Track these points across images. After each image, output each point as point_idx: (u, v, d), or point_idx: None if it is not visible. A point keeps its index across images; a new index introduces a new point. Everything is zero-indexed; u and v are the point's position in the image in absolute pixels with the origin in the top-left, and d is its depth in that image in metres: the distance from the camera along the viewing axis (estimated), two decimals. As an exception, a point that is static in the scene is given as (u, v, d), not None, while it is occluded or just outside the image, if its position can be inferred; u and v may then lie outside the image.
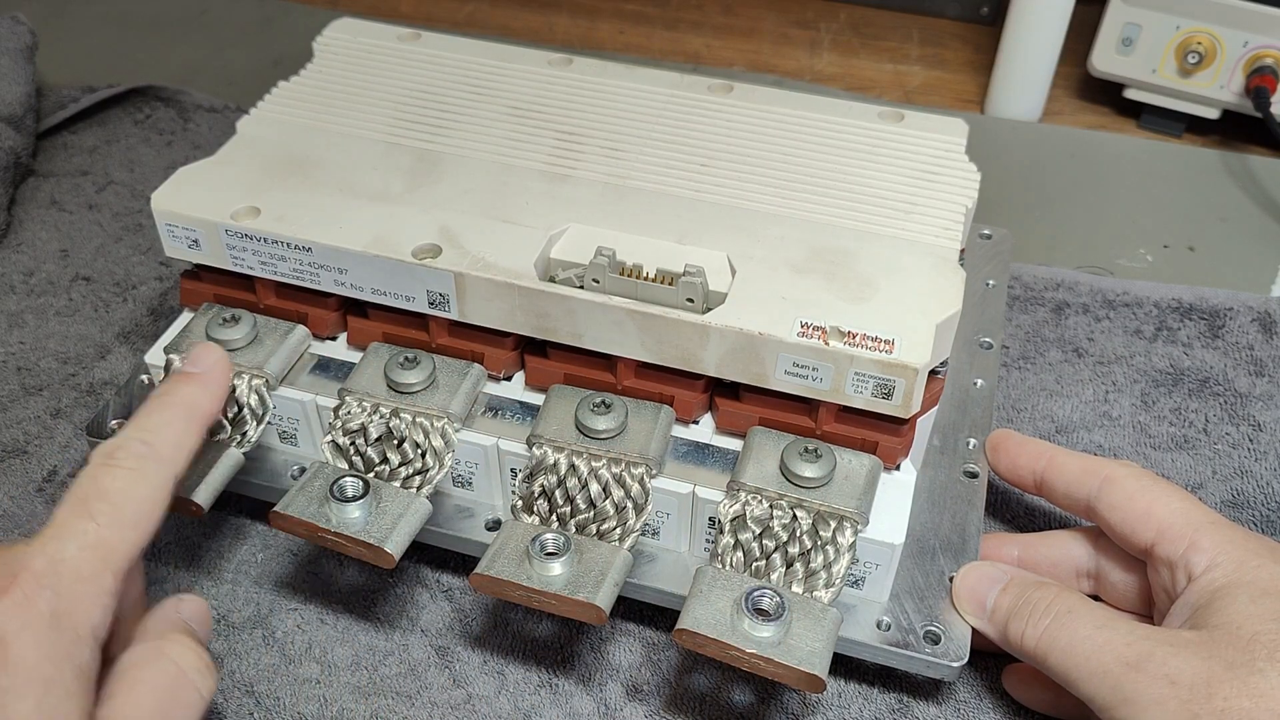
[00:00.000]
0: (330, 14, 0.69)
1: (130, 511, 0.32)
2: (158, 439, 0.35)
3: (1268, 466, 0.49)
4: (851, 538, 0.38)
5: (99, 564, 0.31)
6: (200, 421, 0.37)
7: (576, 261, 0.42)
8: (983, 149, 0.53)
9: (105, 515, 0.32)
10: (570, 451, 0.39)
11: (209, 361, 0.38)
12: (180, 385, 0.37)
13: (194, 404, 0.37)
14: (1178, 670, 0.33)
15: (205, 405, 0.37)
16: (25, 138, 0.64)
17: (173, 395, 0.37)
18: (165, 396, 0.37)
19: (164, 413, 0.36)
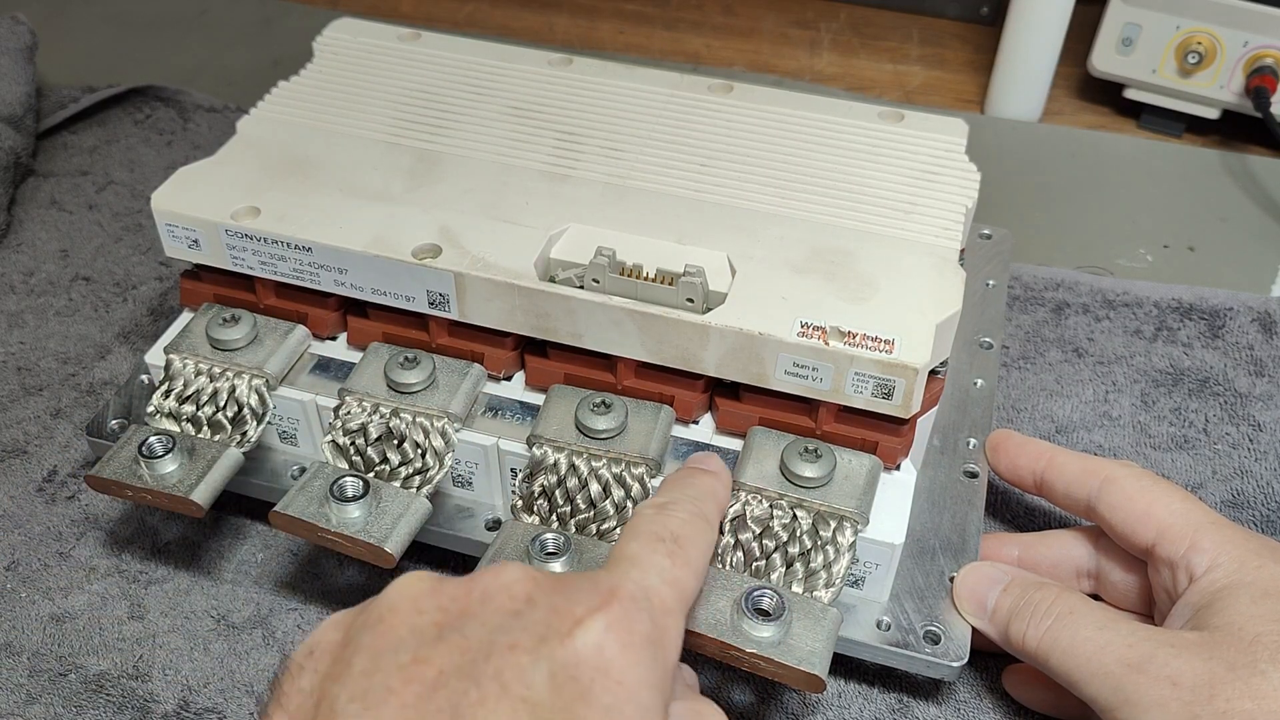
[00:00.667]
0: (330, 14, 0.69)
1: (697, 560, 0.32)
2: (705, 508, 0.35)
3: (1268, 466, 0.49)
4: (851, 538, 0.38)
5: (679, 602, 0.30)
6: (720, 515, 0.36)
7: (576, 261, 0.42)
8: (983, 149, 0.53)
9: (681, 557, 0.31)
10: (570, 451, 0.39)
11: (718, 465, 0.38)
12: (703, 477, 0.37)
13: (718, 494, 0.36)
14: (1179, 671, 0.33)
15: (724, 500, 0.37)
16: (25, 138, 0.64)
17: (701, 481, 0.36)
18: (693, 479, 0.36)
19: (700, 489, 0.36)
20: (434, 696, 0.25)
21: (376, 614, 0.28)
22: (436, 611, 0.27)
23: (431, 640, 0.26)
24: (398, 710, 0.25)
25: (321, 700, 0.26)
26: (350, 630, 0.28)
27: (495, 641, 0.26)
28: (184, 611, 0.43)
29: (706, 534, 0.33)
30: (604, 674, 0.26)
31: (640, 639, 0.27)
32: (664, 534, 0.32)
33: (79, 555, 0.45)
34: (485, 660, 0.26)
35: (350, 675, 0.26)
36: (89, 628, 0.43)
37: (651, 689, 0.27)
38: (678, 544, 0.32)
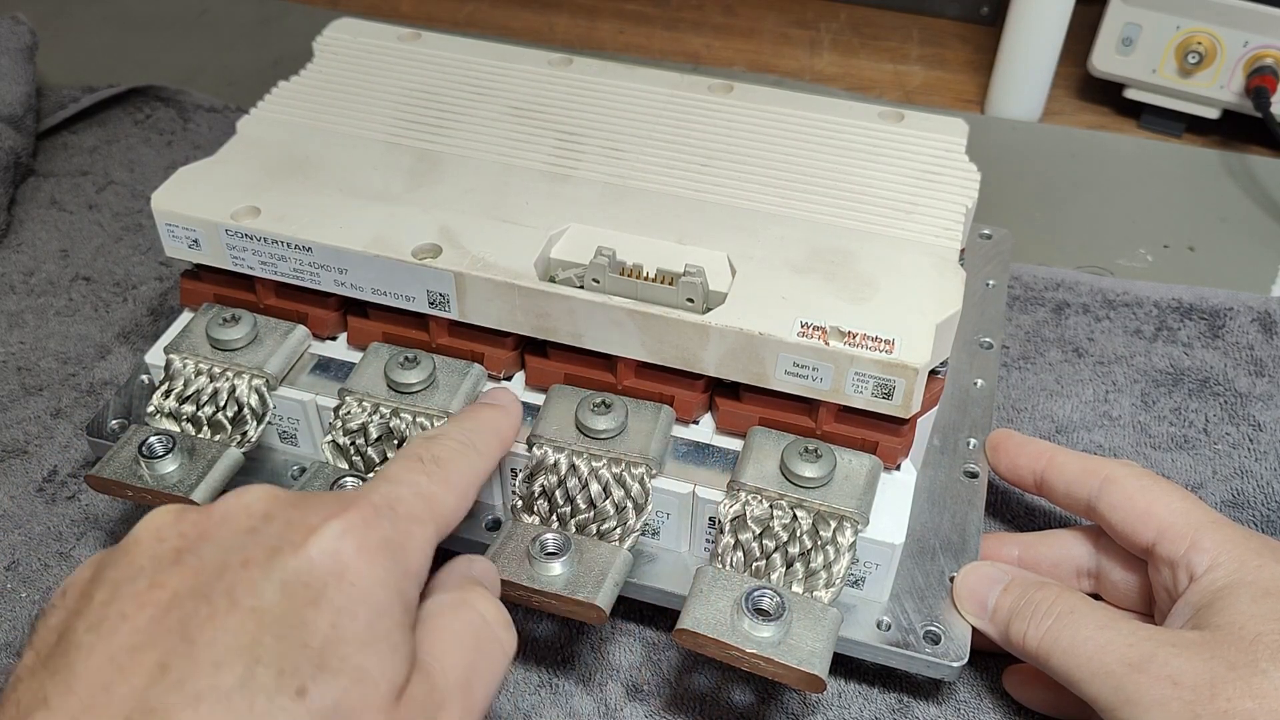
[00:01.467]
0: (330, 14, 0.69)
1: (456, 479, 0.33)
2: (476, 438, 0.36)
3: (1268, 466, 0.49)
4: (851, 538, 0.38)
5: (429, 513, 0.31)
6: (501, 445, 0.37)
7: (576, 261, 0.42)
8: (983, 149, 0.53)
9: (437, 475, 0.33)
10: (570, 451, 0.39)
11: (508, 399, 0.40)
12: (484, 409, 0.38)
13: (499, 425, 0.38)
14: (1180, 671, 0.33)
15: (506, 432, 0.38)
16: (25, 138, 0.64)
17: (480, 413, 0.38)
18: (473, 412, 0.38)
19: (477, 421, 0.37)
20: (165, 618, 0.25)
21: (122, 548, 0.28)
22: (177, 538, 0.28)
23: (168, 565, 0.27)
24: (129, 635, 0.25)
25: (63, 635, 0.26)
26: (98, 567, 0.28)
27: (228, 560, 0.27)
28: (184, 611, 0.43)
29: (474, 461, 0.35)
30: (337, 577, 0.27)
31: (377, 542, 0.28)
32: (425, 455, 0.33)
33: (79, 555, 0.45)
34: (218, 578, 0.26)
35: (90, 607, 0.26)
36: (89, 628, 0.43)
37: (388, 589, 0.28)
38: (437, 464, 0.33)
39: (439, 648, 0.29)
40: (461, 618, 0.31)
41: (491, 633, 0.31)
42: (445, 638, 0.30)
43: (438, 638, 0.30)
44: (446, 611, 0.31)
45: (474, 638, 0.31)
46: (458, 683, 0.29)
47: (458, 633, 0.30)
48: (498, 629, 0.32)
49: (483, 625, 0.31)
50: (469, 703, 0.29)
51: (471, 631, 0.31)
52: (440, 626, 0.30)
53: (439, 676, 0.29)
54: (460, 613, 0.31)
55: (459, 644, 0.30)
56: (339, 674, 0.26)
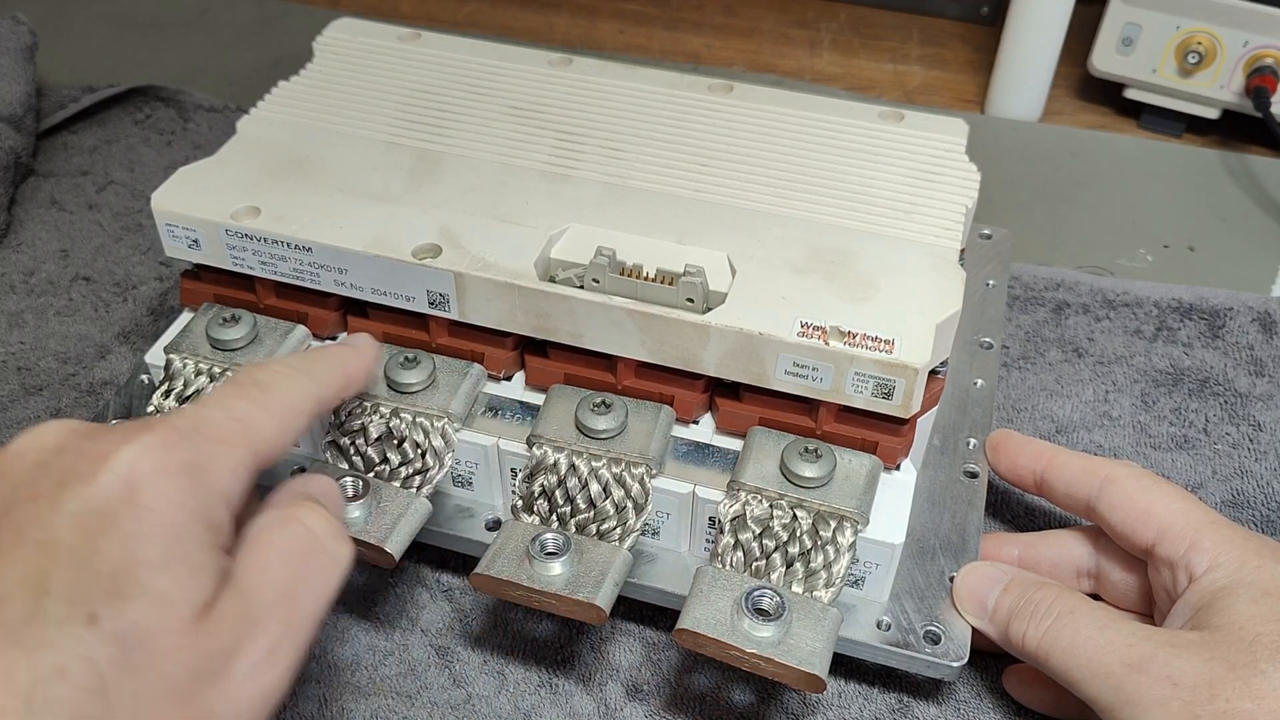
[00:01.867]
0: (330, 14, 0.69)
1: (278, 403, 0.32)
2: (312, 365, 0.35)
3: (1268, 466, 0.49)
4: (851, 538, 0.38)
5: (241, 436, 0.30)
6: (345, 378, 0.37)
7: (576, 261, 0.42)
8: (983, 149, 0.53)
9: (256, 398, 0.32)
10: (570, 451, 0.39)
11: (364, 339, 0.40)
12: (334, 346, 0.39)
13: (345, 358, 0.37)
14: (1180, 671, 0.33)
15: (353, 367, 0.38)
16: (25, 138, 0.64)
17: (327, 348, 0.38)
18: (320, 348, 0.39)
19: (320, 352, 0.37)
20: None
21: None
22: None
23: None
24: None
25: None
26: None
27: (16, 495, 0.27)
28: (184, 611, 0.43)
29: (304, 386, 0.34)
30: (130, 503, 0.27)
31: (176, 464, 0.28)
32: (246, 380, 0.33)
33: (79, 555, 0.45)
34: (5, 515, 0.26)
35: None
36: (89, 628, 0.43)
37: (187, 511, 0.27)
38: (258, 387, 0.32)
39: (258, 563, 0.29)
40: (285, 531, 0.30)
41: (319, 544, 0.31)
42: (266, 553, 0.30)
43: (258, 554, 0.29)
44: (270, 527, 0.30)
45: (298, 550, 0.30)
46: (277, 596, 0.29)
47: (280, 547, 0.30)
48: (326, 540, 0.31)
49: (309, 538, 0.31)
50: (292, 614, 0.29)
51: (295, 544, 0.30)
52: (262, 542, 0.30)
53: (255, 591, 0.28)
54: (285, 527, 0.31)
55: (280, 558, 0.30)
56: (132, 598, 0.26)
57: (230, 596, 0.28)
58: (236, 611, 0.28)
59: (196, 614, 0.27)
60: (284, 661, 0.28)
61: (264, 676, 0.28)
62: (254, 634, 0.28)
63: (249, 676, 0.27)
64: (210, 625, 0.27)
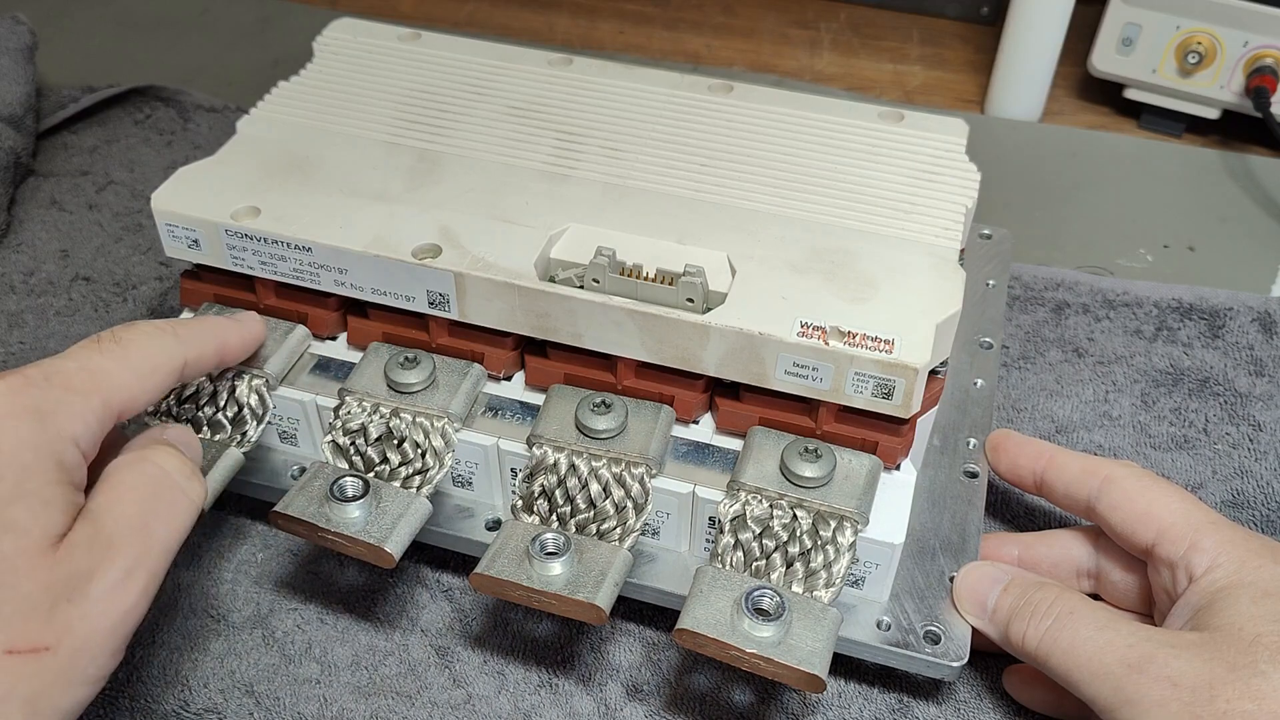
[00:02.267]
0: (330, 14, 0.69)
1: (136, 358, 0.34)
2: (182, 328, 0.37)
3: (1268, 466, 0.49)
4: (851, 538, 0.38)
5: (92, 385, 0.33)
6: (216, 343, 0.39)
7: (576, 261, 0.42)
8: (983, 149, 0.53)
9: (112, 352, 0.34)
10: (570, 451, 0.39)
11: (248, 315, 0.42)
12: (215, 316, 0.41)
13: (222, 327, 0.39)
14: (1179, 672, 0.33)
15: (229, 335, 0.40)
16: (25, 138, 0.64)
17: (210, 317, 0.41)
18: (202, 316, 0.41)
19: (195, 319, 0.39)
20: None
21: None
22: None
23: None
24: None
25: None
26: None
27: None
28: (183, 611, 0.43)
29: (166, 344, 0.36)
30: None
31: (21, 408, 0.31)
32: (106, 335, 0.35)
33: (79, 555, 0.45)
34: None
35: None
36: (89, 628, 0.43)
37: (35, 450, 0.30)
38: (116, 342, 0.34)
39: (111, 497, 0.32)
40: (138, 470, 0.33)
41: (170, 480, 0.33)
42: (119, 489, 0.32)
43: (112, 490, 0.32)
44: (124, 467, 0.33)
45: (150, 486, 0.33)
46: (130, 526, 0.31)
47: (132, 483, 0.33)
48: (178, 478, 0.34)
49: (161, 475, 0.33)
50: (145, 543, 0.32)
51: (148, 481, 0.33)
52: (116, 480, 0.33)
53: (108, 523, 0.31)
54: (138, 466, 0.33)
55: (133, 492, 0.32)
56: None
57: (84, 526, 0.31)
58: (90, 539, 0.31)
59: (51, 541, 0.30)
60: (138, 585, 0.31)
61: (120, 598, 0.31)
62: (108, 559, 0.31)
63: (104, 597, 0.30)
64: (65, 551, 0.30)
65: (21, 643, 0.28)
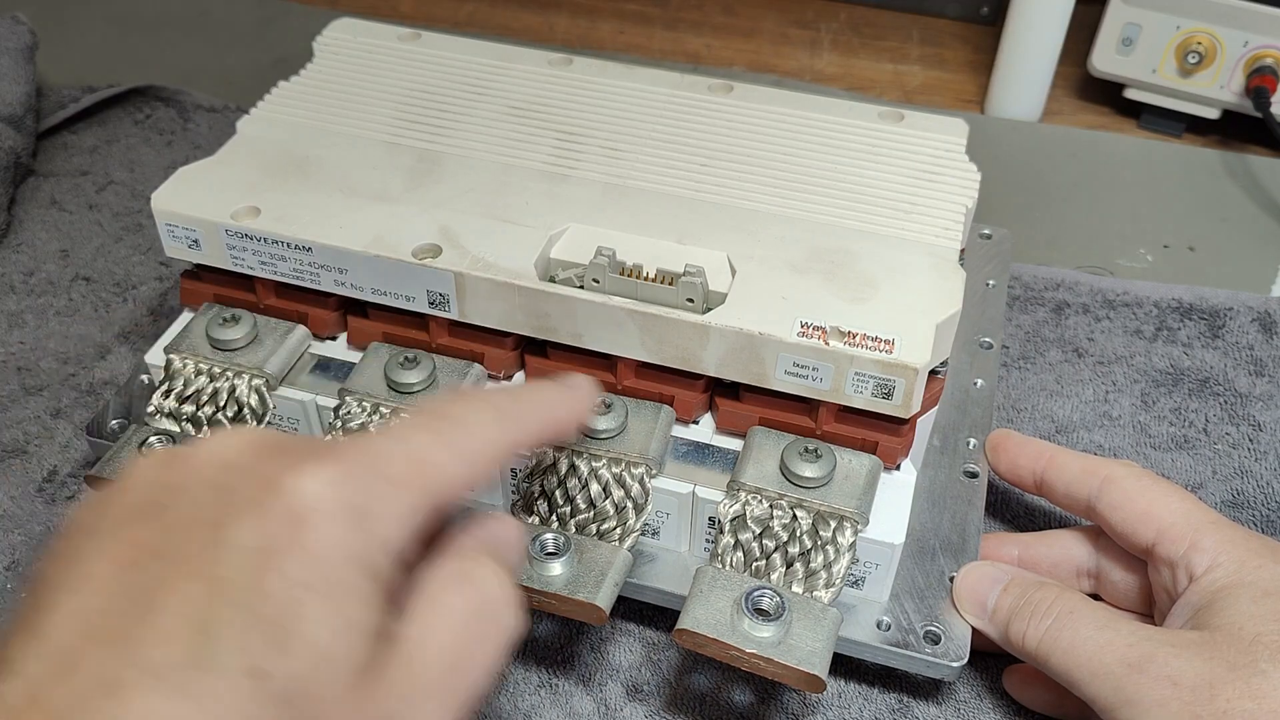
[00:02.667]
0: (330, 14, 0.69)
1: (467, 445, 0.29)
2: (515, 406, 0.31)
3: (1268, 466, 0.49)
4: (851, 538, 0.38)
5: (420, 478, 0.27)
6: (552, 423, 0.33)
7: (576, 261, 0.42)
8: (983, 149, 0.53)
9: (444, 435, 0.29)
10: (570, 451, 0.39)
11: (580, 380, 0.35)
12: (548, 385, 0.34)
13: (554, 404, 0.33)
14: (1180, 671, 0.33)
15: (561, 410, 0.33)
16: (25, 138, 0.64)
17: (540, 387, 0.34)
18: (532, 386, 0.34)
19: (528, 390, 0.33)
20: (127, 579, 0.24)
21: (108, 493, 0.27)
22: (156, 488, 0.26)
23: (136, 520, 0.26)
24: (90, 596, 0.24)
25: (35, 588, 0.25)
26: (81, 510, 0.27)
27: (196, 517, 0.25)
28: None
29: (502, 428, 0.30)
30: (297, 544, 0.25)
31: (342, 507, 0.26)
32: (441, 413, 0.29)
33: (79, 555, 0.45)
34: (180, 537, 0.25)
35: (61, 562, 0.25)
36: (89, 628, 0.43)
37: (353, 564, 0.25)
38: (451, 423, 0.29)
39: (428, 625, 0.27)
40: (459, 593, 0.28)
41: (492, 611, 0.28)
42: (437, 616, 0.27)
43: (429, 615, 0.27)
44: (444, 584, 0.28)
45: (471, 616, 0.28)
46: (444, 665, 0.27)
47: (452, 610, 0.27)
48: (500, 607, 0.28)
49: (483, 603, 0.28)
50: (456, 686, 0.27)
51: (469, 609, 0.28)
52: (433, 601, 0.27)
53: (420, 658, 0.26)
54: (459, 587, 0.28)
55: (451, 622, 0.27)
56: (295, 653, 0.24)
57: (396, 661, 0.26)
58: (401, 678, 0.26)
59: (358, 674, 0.25)
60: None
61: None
62: (416, 707, 0.26)
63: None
64: (372, 690, 0.25)
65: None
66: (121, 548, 0.25)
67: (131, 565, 0.24)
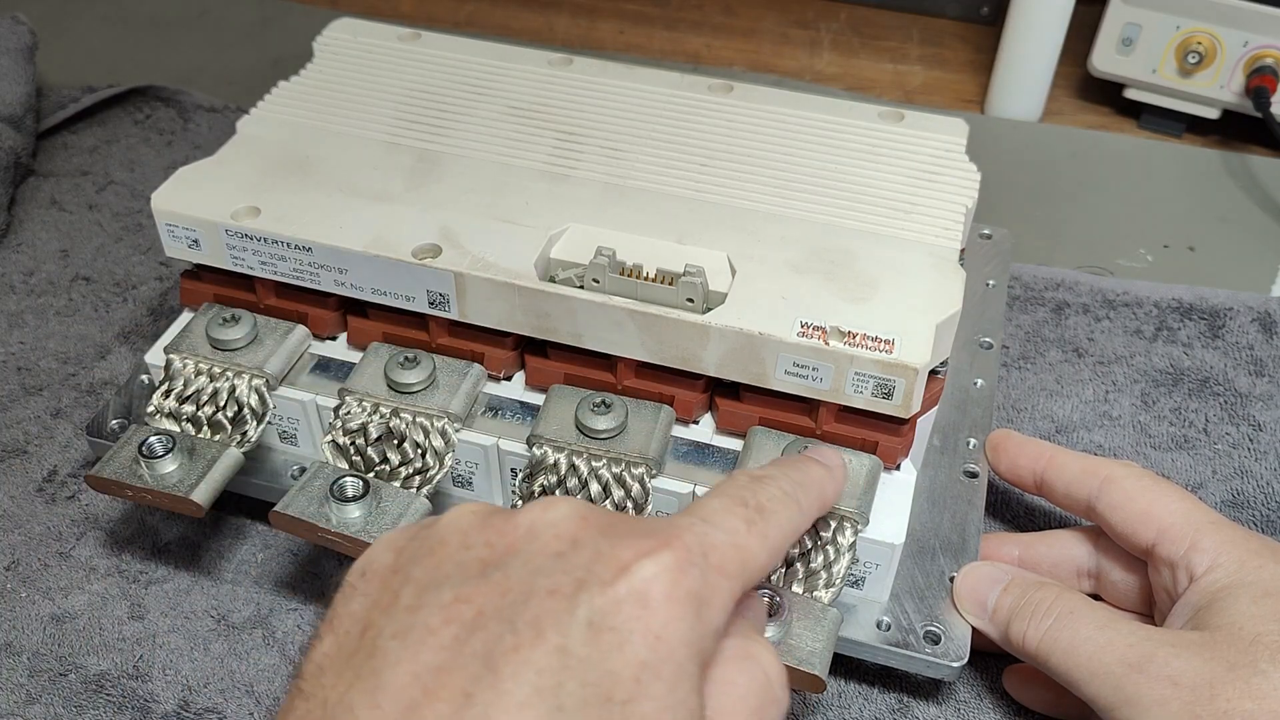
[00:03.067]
0: (330, 14, 0.69)
1: (773, 534, 0.30)
2: (802, 494, 0.32)
3: (1268, 466, 0.49)
4: (852, 538, 0.38)
5: (739, 570, 0.28)
6: (822, 508, 0.34)
7: (576, 261, 0.42)
8: (983, 149, 0.53)
9: (757, 525, 0.30)
10: (570, 451, 0.39)
11: (836, 461, 0.36)
12: (814, 465, 0.35)
13: (824, 488, 0.34)
14: (1180, 671, 0.33)
15: (829, 495, 0.35)
16: (25, 138, 0.64)
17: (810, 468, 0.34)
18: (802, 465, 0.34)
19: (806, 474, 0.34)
20: (470, 639, 0.25)
21: (427, 545, 0.27)
22: (483, 547, 0.27)
23: (474, 578, 0.26)
24: (434, 651, 0.24)
25: (367, 629, 0.26)
26: (401, 557, 0.28)
27: (536, 585, 0.25)
28: (184, 611, 0.43)
29: (794, 517, 0.31)
30: (644, 626, 0.25)
31: (685, 594, 0.26)
32: (749, 500, 0.30)
33: (79, 555, 0.45)
34: (524, 603, 0.25)
35: (396, 608, 0.26)
36: (89, 628, 0.43)
37: (689, 648, 0.26)
38: (759, 513, 0.30)
39: (726, 707, 0.27)
40: (748, 674, 0.28)
41: (773, 692, 0.29)
42: (733, 697, 0.28)
43: (725, 695, 0.28)
44: (733, 665, 0.28)
45: (759, 699, 0.28)
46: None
47: (745, 692, 0.28)
48: (778, 688, 0.29)
49: (766, 684, 0.28)
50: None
51: (757, 691, 0.28)
52: (728, 682, 0.28)
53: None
54: (746, 668, 0.28)
55: (744, 706, 0.28)
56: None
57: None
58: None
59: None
60: None
61: None
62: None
63: None
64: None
65: None
66: (460, 606, 0.25)
67: (473, 626, 0.25)
